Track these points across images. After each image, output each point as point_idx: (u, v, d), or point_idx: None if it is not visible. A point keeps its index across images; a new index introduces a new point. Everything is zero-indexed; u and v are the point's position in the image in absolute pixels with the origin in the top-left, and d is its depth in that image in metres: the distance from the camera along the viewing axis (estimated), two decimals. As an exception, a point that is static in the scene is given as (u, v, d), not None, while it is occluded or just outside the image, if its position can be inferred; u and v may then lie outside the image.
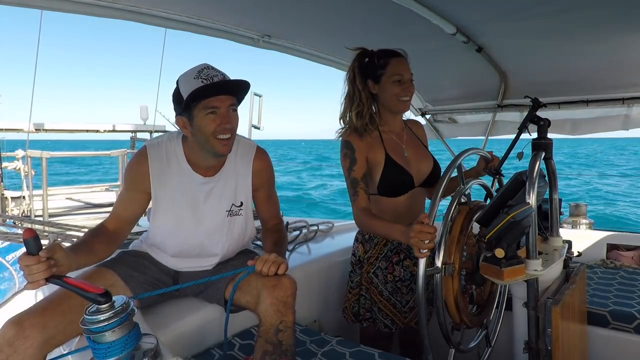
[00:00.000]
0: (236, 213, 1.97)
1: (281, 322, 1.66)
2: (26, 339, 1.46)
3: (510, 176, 1.84)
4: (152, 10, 2.36)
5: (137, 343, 1.26)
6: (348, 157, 2.12)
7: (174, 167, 1.88)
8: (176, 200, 1.89)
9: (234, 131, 1.82)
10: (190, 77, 1.73)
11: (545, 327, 1.77)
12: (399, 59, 2.17)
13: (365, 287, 2.25)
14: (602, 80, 3.23)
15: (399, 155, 2.18)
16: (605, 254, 3.24)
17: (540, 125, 2.09)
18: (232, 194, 1.96)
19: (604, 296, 2.54)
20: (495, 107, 3.86)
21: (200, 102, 1.72)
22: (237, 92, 1.80)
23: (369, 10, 2.39)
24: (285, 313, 1.67)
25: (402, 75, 2.14)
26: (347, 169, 2.13)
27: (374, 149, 2.15)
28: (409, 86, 2.15)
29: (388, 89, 2.14)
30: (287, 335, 1.67)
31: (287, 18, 2.61)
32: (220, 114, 1.75)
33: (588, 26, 2.40)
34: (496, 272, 1.66)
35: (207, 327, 1.91)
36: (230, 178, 1.95)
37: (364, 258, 2.26)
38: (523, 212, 1.60)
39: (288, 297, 1.69)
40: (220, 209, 1.94)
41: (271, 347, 1.65)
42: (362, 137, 2.14)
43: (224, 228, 1.96)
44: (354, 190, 2.09)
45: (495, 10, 2.31)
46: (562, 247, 2.08)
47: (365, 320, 2.25)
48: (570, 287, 1.93)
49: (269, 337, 1.66)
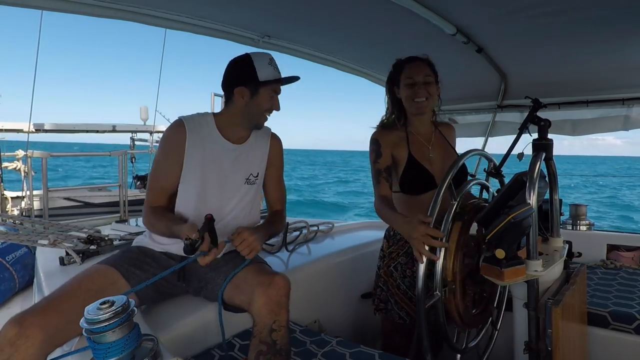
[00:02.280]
0: (252, 182, 2.15)
1: (275, 322, 1.66)
2: (27, 338, 1.45)
3: (511, 177, 1.84)
4: (152, 11, 2.36)
5: (137, 343, 1.26)
6: (374, 151, 2.27)
7: (206, 134, 2.07)
8: (206, 163, 2.04)
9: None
10: (264, 62, 2.01)
11: (546, 327, 1.76)
12: (412, 64, 2.27)
13: (384, 280, 2.34)
14: (602, 81, 3.23)
15: (423, 156, 2.28)
16: (606, 255, 3.24)
17: (541, 126, 2.09)
18: (252, 163, 2.16)
19: (604, 297, 2.54)
20: (496, 107, 3.87)
21: (270, 85, 2.02)
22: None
23: (368, 11, 2.39)
24: (279, 312, 1.67)
25: (413, 77, 2.23)
26: (372, 161, 2.27)
27: (399, 147, 2.27)
28: (420, 88, 2.22)
29: (403, 93, 2.26)
30: (281, 335, 1.67)
31: (287, 19, 2.60)
32: (276, 99, 2.08)
33: (588, 27, 2.39)
34: (497, 272, 1.66)
35: (207, 328, 1.91)
36: (254, 149, 2.17)
37: (386, 253, 2.36)
38: (523, 212, 1.60)
39: (282, 297, 1.69)
40: (242, 175, 2.12)
41: (265, 347, 1.65)
42: (388, 134, 2.29)
43: (240, 193, 2.11)
44: (377, 180, 2.24)
45: (496, 10, 2.30)
46: (562, 248, 2.08)
47: (379, 311, 2.36)
48: (571, 288, 1.92)
49: (263, 337, 1.65)
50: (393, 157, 2.26)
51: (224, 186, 2.06)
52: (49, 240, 2.51)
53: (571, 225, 3.43)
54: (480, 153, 2.21)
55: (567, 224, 3.44)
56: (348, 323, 2.75)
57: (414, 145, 2.28)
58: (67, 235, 2.66)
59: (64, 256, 2.43)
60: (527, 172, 1.79)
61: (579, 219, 3.43)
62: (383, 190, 2.20)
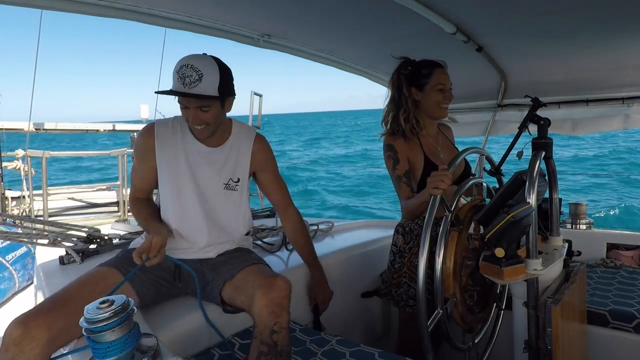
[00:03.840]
0: (233, 188, 2.07)
1: (276, 323, 1.67)
2: (32, 339, 1.46)
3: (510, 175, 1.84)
4: (152, 10, 2.35)
5: (137, 343, 1.26)
6: (391, 158, 2.29)
7: (179, 135, 2.03)
8: (178, 165, 2.00)
9: (205, 124, 1.93)
10: (174, 70, 1.84)
11: (546, 326, 1.76)
12: (441, 70, 2.34)
13: (409, 275, 2.34)
14: (602, 80, 3.22)
15: (435, 157, 2.32)
16: (605, 254, 3.24)
17: (541, 125, 2.10)
18: (231, 168, 2.08)
19: (604, 295, 2.54)
20: (496, 106, 3.87)
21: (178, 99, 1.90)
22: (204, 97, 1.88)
23: (368, 10, 2.39)
24: (280, 314, 1.68)
25: (445, 84, 2.31)
26: (391, 168, 2.30)
27: (414, 151, 2.30)
28: (449, 94, 2.33)
29: (432, 97, 2.31)
30: (282, 336, 1.68)
31: (287, 17, 2.60)
32: (190, 114, 1.91)
33: (588, 25, 2.39)
34: (496, 271, 1.66)
35: (208, 327, 1.90)
36: (232, 153, 2.09)
37: (404, 248, 2.36)
38: (523, 211, 1.60)
39: (283, 299, 1.70)
40: (219, 180, 2.05)
41: (266, 348, 1.66)
42: (405, 141, 2.30)
43: (220, 199, 2.05)
44: (399, 185, 2.27)
45: (496, 9, 2.30)
46: (562, 247, 2.08)
47: (409, 307, 2.34)
48: (570, 287, 1.92)
49: (264, 338, 1.66)
50: (409, 162, 2.29)
51: (201, 192, 2.03)
52: (48, 240, 2.51)
53: (571, 224, 3.43)
54: (478, 151, 2.21)
55: (567, 223, 3.44)
56: (348, 322, 2.75)
57: (427, 148, 2.32)
58: (67, 235, 2.66)
59: (63, 255, 2.43)
60: (526, 171, 1.79)
61: (579, 217, 3.43)
62: (405, 193, 2.25)
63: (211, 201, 2.04)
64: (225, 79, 1.91)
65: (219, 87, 1.87)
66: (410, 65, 2.35)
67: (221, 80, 1.88)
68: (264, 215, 3.95)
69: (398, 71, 2.36)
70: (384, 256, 2.55)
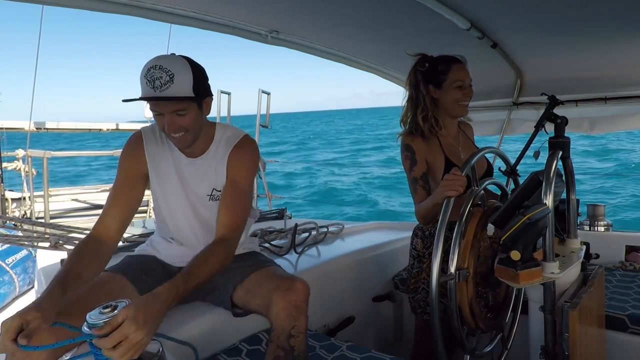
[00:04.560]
0: (217, 198, 1.93)
1: (293, 327, 1.62)
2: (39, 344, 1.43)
3: (527, 176, 1.80)
4: (157, 5, 2.33)
5: (140, 347, 1.23)
6: (409, 158, 2.23)
7: (166, 145, 1.93)
8: (168, 175, 1.93)
9: (184, 130, 1.76)
10: (142, 75, 1.68)
11: (563, 331, 1.72)
12: (459, 65, 2.25)
13: (428, 282, 2.24)
14: (621, 77, 3.17)
15: (456, 158, 2.26)
16: (624, 256, 3.17)
17: (558, 124, 2.05)
18: (212, 177, 1.93)
19: (623, 299, 2.49)
20: (511, 104, 3.82)
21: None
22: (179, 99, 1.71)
23: (380, 5, 2.36)
24: (298, 318, 1.64)
25: (464, 81, 2.23)
26: (408, 169, 2.24)
27: (434, 152, 2.24)
28: (469, 91, 2.26)
29: (450, 94, 2.23)
30: (300, 341, 1.63)
31: (296, 13, 2.57)
32: (165, 121, 1.73)
33: (607, 21, 2.35)
34: (512, 275, 1.62)
35: (213, 333, 1.88)
36: (212, 161, 1.93)
37: (423, 253, 2.31)
38: (539, 213, 1.56)
39: (301, 302, 1.65)
40: (202, 190, 1.94)
41: (283, 352, 1.61)
42: (423, 141, 2.24)
43: (205, 212, 1.96)
44: (414, 188, 2.22)
45: (511, 4, 2.27)
46: (579, 249, 2.02)
47: (427, 314, 2.28)
48: (588, 291, 1.87)
49: (281, 342, 1.61)
50: (428, 163, 2.23)
51: (190, 201, 1.94)
52: (50, 243, 2.50)
53: (589, 226, 3.37)
54: (494, 151, 2.17)
55: (585, 225, 3.38)
56: (359, 327, 2.70)
57: (447, 148, 2.26)
58: (69, 237, 2.64)
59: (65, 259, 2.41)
60: (543, 171, 1.75)
61: (597, 219, 3.36)
62: (420, 197, 2.19)
63: (201, 211, 1.96)
64: (200, 77, 1.76)
65: (193, 87, 1.71)
66: (428, 62, 2.27)
67: (195, 79, 1.72)
68: (271, 217, 3.92)
69: (415, 68, 2.28)
70: (396, 259, 2.52)
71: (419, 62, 2.27)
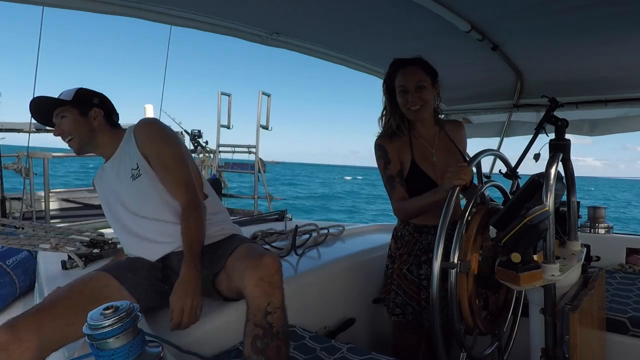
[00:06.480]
0: (137, 175, 2.02)
1: (269, 304, 1.59)
2: (20, 342, 1.44)
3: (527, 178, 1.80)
4: (157, 7, 2.33)
5: (141, 349, 1.22)
6: (382, 158, 2.25)
7: (102, 170, 2.17)
8: (104, 190, 2.13)
9: (69, 134, 2.02)
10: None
11: (563, 334, 1.71)
12: (405, 69, 2.23)
13: (397, 283, 2.31)
14: (622, 80, 3.16)
15: (426, 161, 2.25)
16: (625, 259, 3.17)
17: (558, 126, 2.05)
18: (127, 161, 2.05)
19: (624, 302, 2.48)
20: (511, 106, 3.81)
21: None
22: (54, 107, 2.02)
23: (380, 8, 2.36)
24: (272, 293, 1.60)
25: (405, 85, 2.20)
26: (382, 168, 2.26)
27: (403, 152, 2.26)
28: (412, 96, 2.19)
29: (399, 99, 2.24)
30: (277, 317, 1.60)
31: (297, 15, 2.56)
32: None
33: (607, 23, 2.34)
34: (512, 277, 1.61)
35: (215, 333, 1.87)
36: (124, 149, 2.09)
37: (395, 254, 2.34)
38: (540, 215, 1.55)
39: (272, 276, 1.62)
40: (126, 177, 2.04)
41: (261, 330, 1.58)
42: (392, 141, 2.27)
43: (133, 192, 2.03)
44: (391, 185, 2.22)
45: (511, 6, 2.26)
46: (580, 252, 2.02)
47: (395, 316, 2.32)
48: (589, 293, 1.87)
49: (258, 320, 1.59)
50: (400, 161, 2.25)
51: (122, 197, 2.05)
52: (50, 244, 2.49)
53: (589, 229, 3.36)
54: (494, 153, 2.17)
55: (585, 227, 3.38)
56: (359, 329, 2.70)
57: (417, 149, 2.26)
58: (69, 239, 2.64)
59: (66, 260, 2.41)
60: (543, 174, 1.75)
61: (598, 221, 3.36)
62: (400, 194, 2.20)
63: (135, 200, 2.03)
64: (84, 91, 2.06)
65: (74, 95, 2.02)
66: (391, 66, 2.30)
67: (78, 91, 2.03)
68: (272, 218, 3.91)
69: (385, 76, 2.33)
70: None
71: (389, 66, 2.30)
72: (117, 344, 1.15)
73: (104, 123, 2.09)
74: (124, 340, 1.16)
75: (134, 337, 1.19)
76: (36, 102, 2.00)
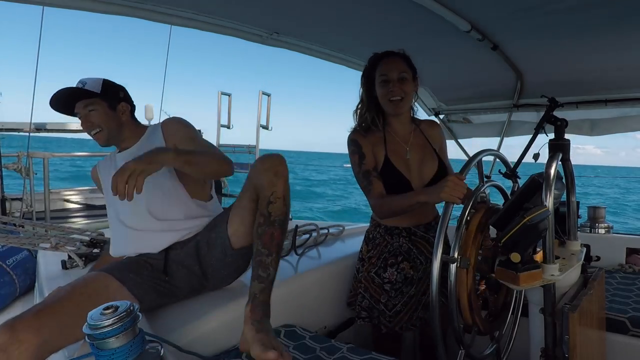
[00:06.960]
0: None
1: (272, 194, 1.65)
2: (20, 342, 1.43)
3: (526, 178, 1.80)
4: (157, 7, 2.33)
5: (142, 349, 1.23)
6: (357, 153, 2.18)
7: (113, 162, 2.18)
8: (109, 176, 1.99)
9: (98, 126, 2.03)
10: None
11: (563, 333, 1.71)
12: (387, 59, 2.19)
13: (364, 286, 2.28)
14: (622, 79, 3.15)
15: (399, 158, 2.21)
16: (625, 259, 3.17)
17: (558, 126, 2.05)
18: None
19: (623, 302, 2.48)
20: (511, 106, 3.80)
21: None
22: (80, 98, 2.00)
23: (380, 7, 2.36)
24: (276, 183, 1.65)
25: (387, 74, 2.15)
26: (357, 164, 2.18)
27: (377, 148, 2.20)
28: (394, 86, 2.14)
29: (379, 90, 2.18)
30: (277, 207, 1.65)
31: (297, 15, 2.56)
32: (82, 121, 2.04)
33: (607, 22, 2.34)
34: (512, 277, 1.61)
35: (216, 332, 1.87)
36: (145, 143, 2.09)
37: (365, 257, 2.31)
38: (540, 215, 1.55)
39: (278, 166, 1.67)
40: None
41: (262, 218, 1.65)
42: (366, 136, 2.21)
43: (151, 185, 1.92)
44: (368, 181, 2.14)
45: (511, 6, 2.26)
46: (579, 252, 2.02)
47: (361, 319, 2.29)
48: (589, 293, 1.87)
49: (262, 209, 1.66)
50: (374, 157, 2.20)
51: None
52: (50, 244, 2.49)
53: (589, 228, 3.36)
54: (493, 153, 2.16)
55: (585, 227, 3.37)
56: (359, 329, 2.70)
57: (391, 146, 2.21)
58: (70, 238, 2.64)
59: (66, 260, 2.41)
60: (543, 174, 1.75)
61: (597, 221, 3.36)
62: (378, 188, 2.13)
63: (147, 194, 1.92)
64: (110, 84, 2.06)
65: (102, 87, 2.02)
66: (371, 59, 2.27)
67: (105, 83, 2.04)
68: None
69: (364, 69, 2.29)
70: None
71: (369, 60, 2.27)
72: (117, 343, 1.15)
73: (129, 118, 2.14)
74: (124, 340, 1.16)
75: (134, 337, 1.19)
76: (60, 92, 1.95)
